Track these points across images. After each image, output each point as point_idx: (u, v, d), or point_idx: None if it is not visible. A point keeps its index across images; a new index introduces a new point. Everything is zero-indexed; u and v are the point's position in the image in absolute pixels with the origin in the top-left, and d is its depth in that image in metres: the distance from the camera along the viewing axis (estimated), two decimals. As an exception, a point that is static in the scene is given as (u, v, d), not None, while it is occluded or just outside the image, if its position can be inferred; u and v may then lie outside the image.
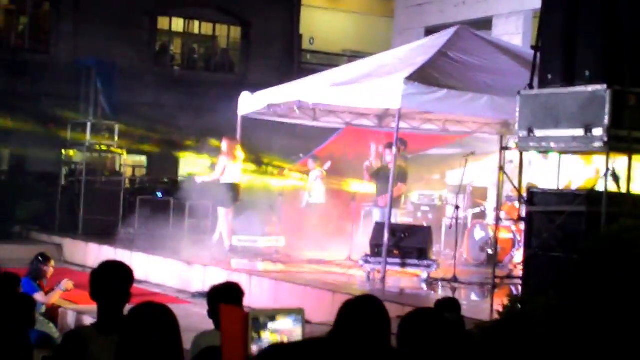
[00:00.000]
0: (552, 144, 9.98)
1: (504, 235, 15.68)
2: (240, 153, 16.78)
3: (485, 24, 22.45)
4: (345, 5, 33.36)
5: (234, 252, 16.57)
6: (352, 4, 33.35)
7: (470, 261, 16.49)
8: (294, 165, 20.21)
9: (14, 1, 28.16)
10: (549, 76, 10.21)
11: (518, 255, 14.91)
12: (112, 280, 5.54)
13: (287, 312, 4.76)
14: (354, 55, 30.19)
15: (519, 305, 7.40)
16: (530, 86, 10.50)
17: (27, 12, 27.89)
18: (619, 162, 10.06)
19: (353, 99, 14.62)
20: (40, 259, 12.50)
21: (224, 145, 16.78)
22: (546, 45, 10.51)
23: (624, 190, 9.74)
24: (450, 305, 7.27)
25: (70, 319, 12.68)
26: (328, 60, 30.93)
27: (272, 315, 4.69)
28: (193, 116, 26.52)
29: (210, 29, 30.63)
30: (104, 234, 19.43)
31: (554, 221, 9.72)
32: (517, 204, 14.42)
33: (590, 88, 9.62)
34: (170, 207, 19.93)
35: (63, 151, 23.33)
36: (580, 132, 9.63)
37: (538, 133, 10.09)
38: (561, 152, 10.49)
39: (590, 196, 9.57)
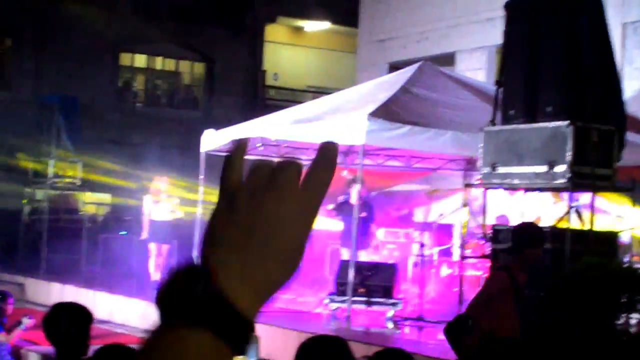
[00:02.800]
0: (516, 181, 9.97)
1: (471, 272, 15.61)
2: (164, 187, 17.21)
3: (449, 59, 22.54)
4: (309, 41, 33.40)
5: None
6: (315, 40, 33.40)
7: (438, 299, 16.40)
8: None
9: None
10: (512, 112, 10.21)
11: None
12: (66, 324, 5.40)
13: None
14: (318, 92, 30.21)
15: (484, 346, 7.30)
16: (493, 122, 10.49)
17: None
18: (584, 198, 10.07)
19: (316, 136, 14.53)
20: None
21: (160, 183, 17.18)
22: (508, 81, 10.53)
23: (588, 226, 9.73)
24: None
25: (33, 362, 12.46)
26: (292, 96, 30.93)
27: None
28: (157, 153, 26.37)
29: (174, 65, 30.55)
30: (67, 273, 19.20)
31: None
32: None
33: (553, 124, 9.62)
34: (134, 245, 19.74)
35: (26, 188, 23.10)
36: (543, 168, 9.62)
37: (501, 169, 10.07)
38: (525, 189, 10.47)
39: (554, 233, 9.53)
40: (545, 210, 13.04)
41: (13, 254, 21.36)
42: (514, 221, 15.63)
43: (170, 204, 17.30)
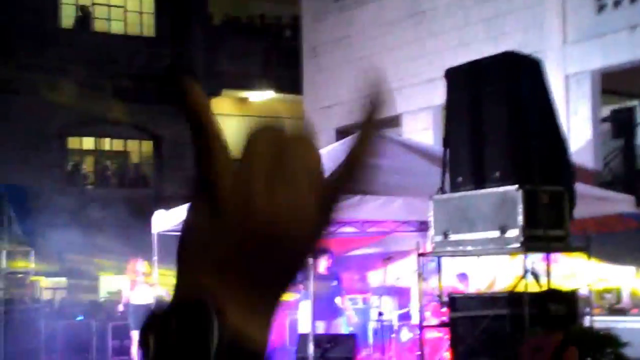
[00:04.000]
0: (469, 247, 9.99)
1: (432, 334, 15.56)
2: (142, 270, 16.72)
3: (395, 121, 22.69)
4: (254, 110, 33.51)
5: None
6: (260, 108, 33.50)
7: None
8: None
9: None
10: (460, 179, 10.27)
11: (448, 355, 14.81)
12: None
13: None
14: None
15: None
16: (442, 190, 10.54)
17: None
18: (539, 257, 10.10)
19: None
20: None
21: (136, 266, 16.66)
22: (454, 148, 10.61)
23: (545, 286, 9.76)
24: None
25: None
26: (242, 166, 30.88)
27: None
28: (111, 234, 26.19)
29: (122, 145, 30.51)
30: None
31: (478, 325, 9.67)
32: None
33: (502, 189, 9.68)
34: (93, 329, 19.53)
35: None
36: (495, 234, 9.66)
37: (453, 237, 10.10)
38: (478, 255, 10.50)
39: (511, 298, 9.55)
40: (502, 268, 13.07)
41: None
42: (473, 280, 15.74)
43: (150, 286, 16.84)
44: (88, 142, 29.91)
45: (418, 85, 22.11)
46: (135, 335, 16.43)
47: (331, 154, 14.41)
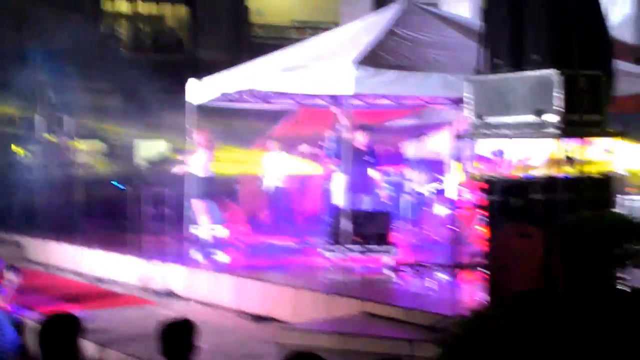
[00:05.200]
0: (504, 131, 9.89)
1: (464, 210, 15.56)
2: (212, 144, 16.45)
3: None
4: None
5: (192, 242, 16.34)
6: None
7: (433, 237, 16.40)
8: (250, 149, 19.99)
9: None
10: (497, 61, 10.09)
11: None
12: (56, 339, 5.40)
13: None
14: (302, 26, 29.98)
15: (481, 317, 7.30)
16: (478, 70, 10.37)
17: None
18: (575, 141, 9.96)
19: (304, 86, 14.40)
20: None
21: (199, 137, 16.30)
22: (492, 27, 10.38)
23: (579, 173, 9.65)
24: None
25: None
26: (277, 32, 30.63)
27: None
28: (146, 99, 26.13)
29: (156, 9, 30.24)
30: (62, 229, 19.14)
31: (512, 209, 9.63)
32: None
33: (540, 73, 9.51)
34: (129, 196, 19.68)
35: (13, 147, 22.96)
36: (532, 118, 9.53)
37: (489, 119, 9.98)
38: (514, 138, 10.37)
39: (546, 184, 9.46)
40: (536, 151, 12.94)
41: (9, 212, 21.25)
42: (509, 155, 15.62)
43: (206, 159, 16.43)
44: (122, 5, 29.65)
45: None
46: (195, 203, 16.22)
47: (366, 28, 14.18)
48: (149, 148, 24.66)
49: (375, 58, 13.61)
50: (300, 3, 32.86)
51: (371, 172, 16.38)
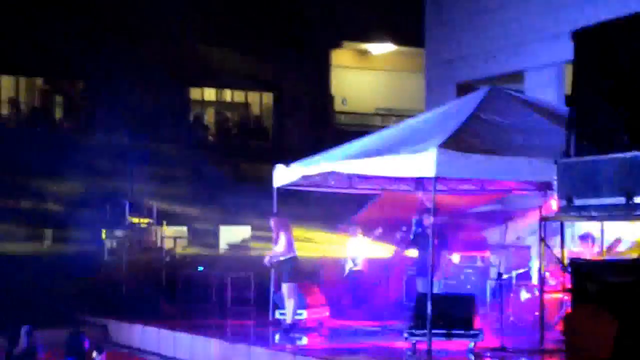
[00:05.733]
0: (593, 213, 9.79)
1: (551, 296, 15.34)
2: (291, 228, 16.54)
3: (517, 77, 22.33)
4: (375, 63, 33.34)
5: (275, 325, 16.37)
6: (381, 62, 33.32)
7: (517, 323, 16.17)
8: (334, 234, 20.06)
9: (47, 81, 28.57)
10: (585, 143, 10.04)
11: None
12: None
13: None
14: (387, 114, 30.17)
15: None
16: (567, 153, 10.32)
17: (63, 91, 28.28)
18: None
19: (388, 169, 14.44)
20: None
21: (280, 222, 16.42)
22: (580, 110, 10.36)
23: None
24: None
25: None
26: (361, 119, 30.88)
27: None
28: (229, 186, 26.44)
29: (242, 97, 30.75)
30: (148, 312, 19.31)
31: (600, 292, 9.47)
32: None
33: (630, 154, 9.43)
34: (213, 281, 19.85)
35: (104, 230, 23.37)
36: (621, 200, 9.43)
37: (578, 202, 9.91)
38: (603, 221, 10.27)
39: (633, 267, 9.32)
40: (625, 233, 12.78)
41: (95, 295, 21.52)
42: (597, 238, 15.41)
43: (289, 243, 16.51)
44: (209, 93, 30.23)
45: (542, 40, 21.63)
46: (286, 287, 16.28)
47: (450, 112, 14.23)
48: (233, 233, 24.85)
49: (459, 142, 13.61)
50: (384, 91, 33.14)
51: (453, 257, 16.29)
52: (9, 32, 26.40)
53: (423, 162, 13.29)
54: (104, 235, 23.54)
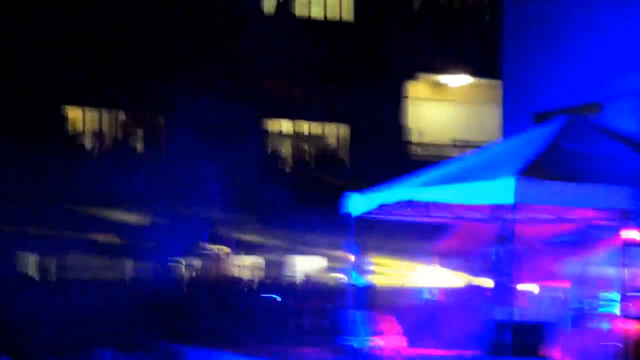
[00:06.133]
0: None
1: (633, 326, 15.13)
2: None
3: (595, 107, 22.14)
4: (450, 94, 33.32)
5: (348, 353, 16.37)
6: (456, 93, 33.29)
7: (598, 354, 15.97)
8: (410, 262, 20.08)
9: (129, 115, 29.17)
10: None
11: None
12: None
13: None
14: (463, 145, 30.07)
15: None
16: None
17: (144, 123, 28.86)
18: None
19: (465, 197, 14.45)
20: None
21: (358, 249, 16.60)
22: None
23: None
24: None
25: None
26: (437, 151, 30.84)
27: None
28: (305, 217, 26.56)
29: (319, 129, 30.93)
30: (228, 340, 19.45)
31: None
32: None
33: None
34: (287, 308, 19.93)
35: (183, 259, 23.66)
36: None
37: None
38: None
39: None
40: None
41: (174, 323, 21.73)
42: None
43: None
44: (285, 125, 30.49)
45: (622, 71, 21.45)
46: (353, 314, 16.26)
47: (528, 141, 14.23)
48: (307, 262, 25.00)
49: (537, 169, 13.59)
50: (460, 122, 33.05)
51: (532, 287, 16.18)
52: (95, 67, 27.03)
53: (501, 190, 13.29)
54: (183, 264, 23.84)
